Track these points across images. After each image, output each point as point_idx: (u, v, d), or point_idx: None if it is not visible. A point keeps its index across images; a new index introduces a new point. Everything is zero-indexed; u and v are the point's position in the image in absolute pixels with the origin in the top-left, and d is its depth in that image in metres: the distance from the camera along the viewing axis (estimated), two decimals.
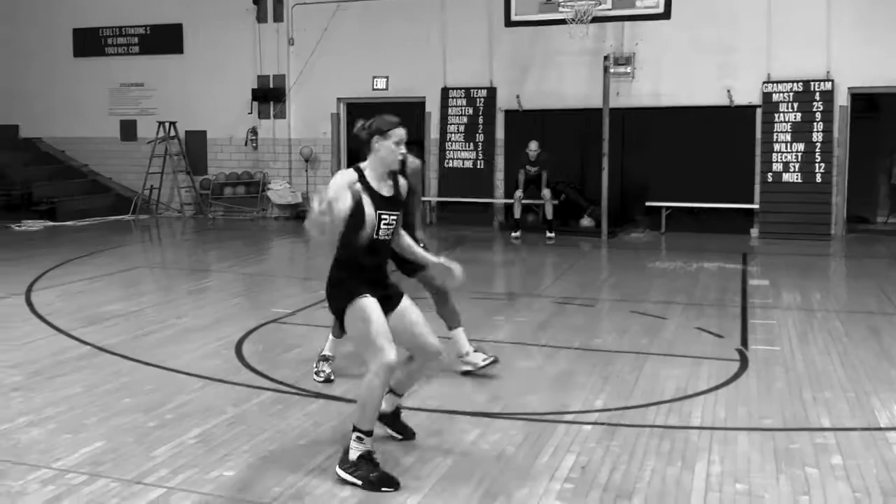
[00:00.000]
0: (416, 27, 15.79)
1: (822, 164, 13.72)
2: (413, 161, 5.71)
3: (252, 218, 16.94)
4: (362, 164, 4.29)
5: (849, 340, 6.92)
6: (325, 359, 5.87)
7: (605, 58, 13.77)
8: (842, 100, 13.77)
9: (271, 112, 17.16)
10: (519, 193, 13.31)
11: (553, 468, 4.30)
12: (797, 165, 13.81)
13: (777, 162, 13.91)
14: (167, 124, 17.21)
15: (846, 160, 13.94)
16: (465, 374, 5.88)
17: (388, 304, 4.29)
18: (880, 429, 4.86)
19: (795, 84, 13.83)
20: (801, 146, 13.79)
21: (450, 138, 15.93)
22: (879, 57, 13.32)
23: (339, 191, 4.08)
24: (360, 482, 4.08)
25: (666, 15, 12.23)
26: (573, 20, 12.24)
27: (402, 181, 4.39)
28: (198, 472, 4.25)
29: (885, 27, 13.25)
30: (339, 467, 4.18)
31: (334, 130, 16.94)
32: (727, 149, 14.10)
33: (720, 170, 14.04)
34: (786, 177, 13.83)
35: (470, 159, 15.79)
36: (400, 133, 4.30)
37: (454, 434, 4.77)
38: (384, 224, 4.23)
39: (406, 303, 4.36)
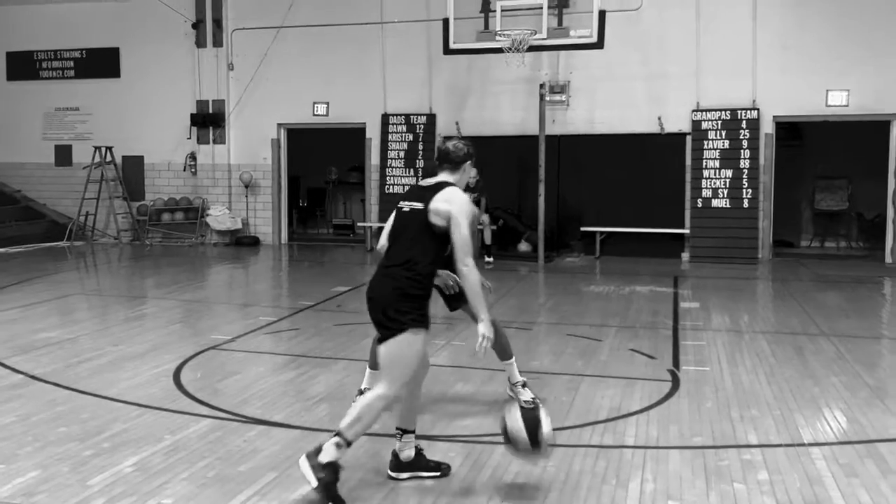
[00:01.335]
0: (357, 54, 15.93)
1: (750, 190, 14.20)
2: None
3: (191, 244, 16.77)
4: (452, 180, 4.44)
5: (775, 360, 7.18)
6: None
7: (541, 86, 14.06)
8: (767, 128, 14.31)
9: (211, 137, 17.06)
10: None
11: (491, 489, 4.38)
12: (725, 191, 14.27)
13: (706, 188, 14.36)
14: (103, 149, 16.98)
15: (772, 186, 14.45)
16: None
17: None
18: (804, 444, 5.06)
19: (723, 112, 14.33)
20: (729, 172, 14.27)
21: (390, 164, 16.05)
22: (801, 87, 13.92)
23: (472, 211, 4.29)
24: (316, 484, 4.01)
25: (599, 45, 12.53)
26: (510, 49, 12.46)
27: None
28: (135, 501, 4.21)
29: (806, 58, 13.85)
30: (308, 460, 4.06)
31: (274, 156, 16.91)
32: (659, 175, 14.51)
33: (652, 195, 14.44)
34: (715, 202, 14.28)
35: (410, 185, 15.86)
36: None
37: None
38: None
39: None
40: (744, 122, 14.27)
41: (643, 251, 14.34)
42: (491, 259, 13.36)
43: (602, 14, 12.27)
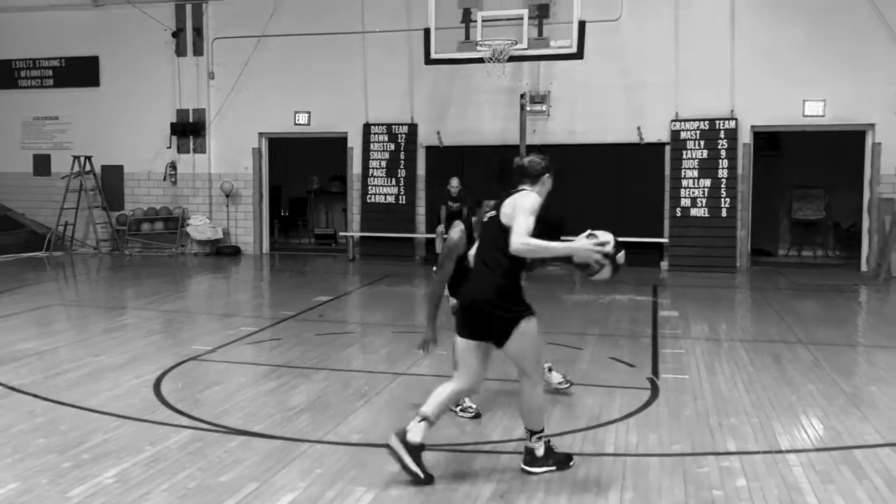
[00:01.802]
0: (338, 63, 15.95)
1: (728, 200, 14.33)
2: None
3: (171, 254, 16.70)
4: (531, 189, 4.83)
5: (753, 368, 7.26)
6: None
7: (522, 96, 14.16)
8: (745, 137, 14.45)
9: (191, 146, 17.02)
10: (440, 228, 13.51)
11: (473, 498, 4.40)
12: (704, 201, 14.39)
13: (685, 197, 14.47)
14: (82, 159, 16.89)
15: (749, 195, 14.58)
16: None
17: None
18: (781, 451, 5.12)
19: (701, 122, 14.46)
20: (707, 182, 14.39)
21: (372, 173, 16.06)
22: (779, 97, 14.08)
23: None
24: (554, 468, 4.71)
25: (579, 55, 12.61)
26: (490, 59, 12.52)
27: None
28: None
29: (783, 69, 14.01)
30: (531, 466, 4.71)
31: (256, 165, 16.89)
32: (638, 184, 14.61)
33: (632, 205, 14.52)
34: (693, 211, 14.39)
35: (392, 194, 15.95)
36: None
37: (376, 466, 4.83)
38: None
39: None
40: (722, 131, 14.40)
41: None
42: None
43: (582, 25, 12.34)
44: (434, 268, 6.05)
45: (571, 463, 4.81)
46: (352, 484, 4.58)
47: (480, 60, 12.68)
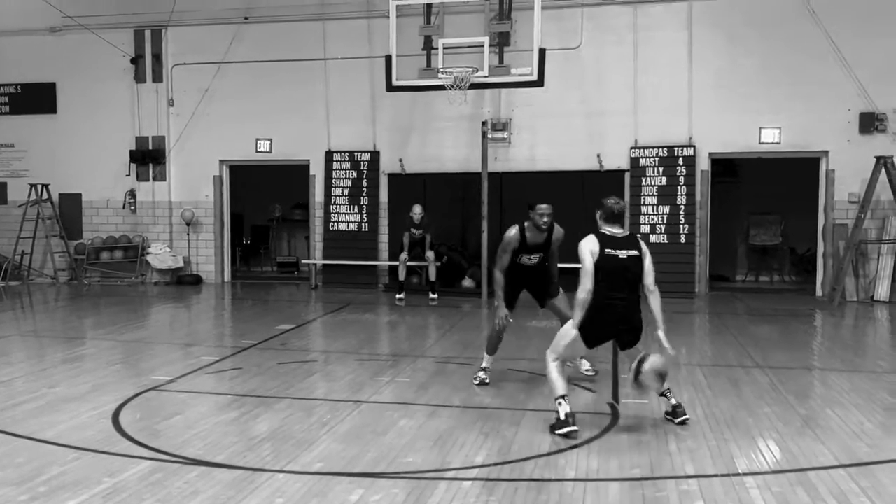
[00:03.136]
0: (300, 90, 15.99)
1: (686, 226, 14.56)
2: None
3: (131, 283, 16.51)
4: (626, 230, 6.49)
5: (711, 392, 7.36)
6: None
7: (483, 123, 14.27)
8: (703, 164, 14.71)
9: (151, 174, 16.90)
10: (404, 256, 13.52)
11: None
12: (663, 227, 14.60)
13: (645, 224, 14.67)
14: (39, 187, 16.69)
15: (708, 222, 14.83)
16: None
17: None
18: (738, 474, 5.20)
19: (660, 149, 14.71)
20: (666, 208, 14.62)
21: (334, 201, 16.07)
22: (735, 124, 14.39)
23: None
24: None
25: (539, 83, 12.77)
26: (452, 86, 12.63)
27: None
28: None
29: (740, 97, 14.33)
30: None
31: (217, 193, 16.80)
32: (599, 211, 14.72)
33: (592, 232, 14.63)
34: (653, 238, 14.56)
35: (354, 222, 15.96)
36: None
37: (337, 495, 4.82)
38: None
39: None
40: (680, 158, 14.65)
41: None
42: (435, 296, 13.41)
43: (542, 52, 12.50)
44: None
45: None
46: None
47: (442, 88, 12.77)
